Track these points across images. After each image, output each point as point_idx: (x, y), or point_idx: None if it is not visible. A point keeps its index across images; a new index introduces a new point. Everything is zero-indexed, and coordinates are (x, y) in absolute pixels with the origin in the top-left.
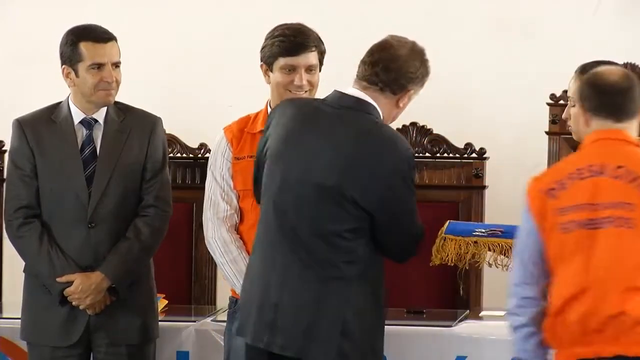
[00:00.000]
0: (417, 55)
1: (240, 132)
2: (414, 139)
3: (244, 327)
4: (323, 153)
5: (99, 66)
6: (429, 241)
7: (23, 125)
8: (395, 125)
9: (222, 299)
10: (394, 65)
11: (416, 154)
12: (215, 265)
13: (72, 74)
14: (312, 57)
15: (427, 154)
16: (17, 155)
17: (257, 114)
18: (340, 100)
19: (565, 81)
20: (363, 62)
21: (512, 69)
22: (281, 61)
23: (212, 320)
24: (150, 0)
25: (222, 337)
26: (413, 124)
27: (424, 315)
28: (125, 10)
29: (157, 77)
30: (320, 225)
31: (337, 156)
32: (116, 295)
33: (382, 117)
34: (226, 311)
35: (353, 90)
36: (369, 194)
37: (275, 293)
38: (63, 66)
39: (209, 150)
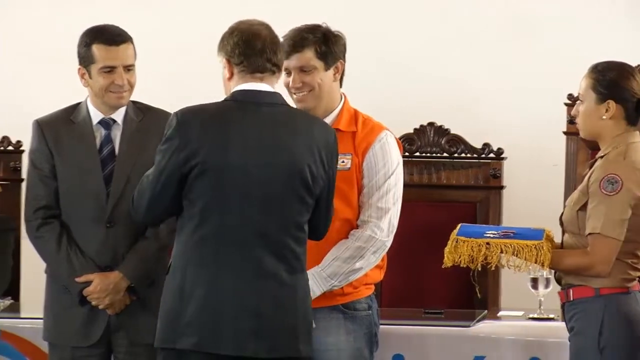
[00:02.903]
0: (271, 29)
1: None
2: (431, 139)
3: (212, 339)
4: (271, 150)
5: (111, 69)
6: (442, 243)
7: (42, 126)
8: (413, 125)
9: None
10: (276, 47)
11: (434, 154)
12: None
13: (87, 75)
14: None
15: (444, 154)
16: (36, 156)
17: None
18: (252, 96)
19: None
20: (246, 55)
21: (529, 68)
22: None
23: None
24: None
25: None
26: (431, 124)
27: (442, 316)
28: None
29: (174, 77)
30: (287, 221)
31: (284, 150)
32: (136, 295)
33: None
34: None
35: (253, 85)
36: (318, 180)
37: (251, 298)
38: (79, 67)
39: None
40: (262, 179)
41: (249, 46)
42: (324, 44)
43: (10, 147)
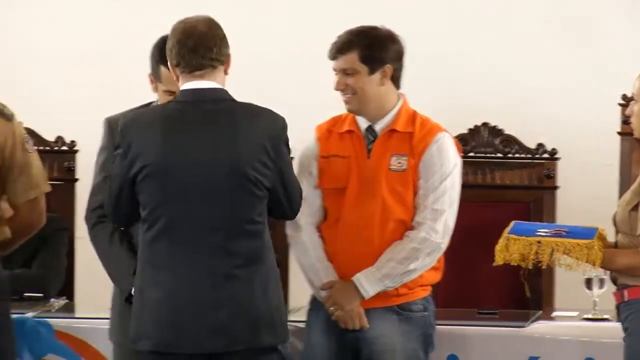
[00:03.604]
0: (212, 23)
1: (328, 131)
2: (485, 139)
3: (170, 340)
4: (211, 148)
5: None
6: (496, 243)
7: (112, 126)
8: (467, 125)
9: (294, 299)
10: (211, 41)
11: (488, 154)
12: (288, 265)
13: (153, 86)
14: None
15: (498, 154)
16: (102, 155)
17: (347, 115)
18: (192, 95)
19: None
20: (181, 55)
21: (583, 69)
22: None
23: None
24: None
25: (292, 337)
26: (485, 124)
27: (497, 316)
28: None
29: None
30: (235, 217)
31: (225, 146)
32: None
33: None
34: (299, 311)
35: (194, 84)
36: (264, 171)
37: (205, 296)
38: (149, 72)
39: None
40: (203, 177)
41: (183, 45)
42: (368, 48)
43: (64, 147)
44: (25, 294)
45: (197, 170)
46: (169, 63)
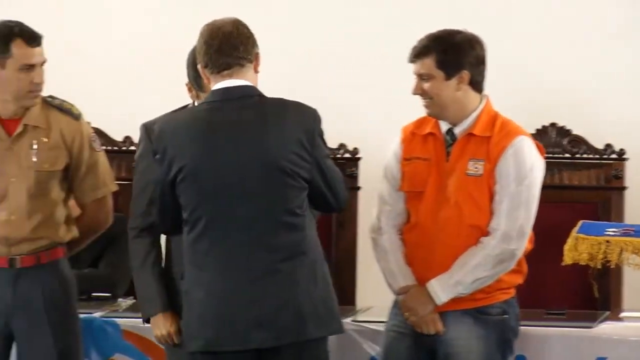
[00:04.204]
0: (238, 24)
1: (412, 133)
2: (553, 139)
3: (218, 339)
4: (243, 145)
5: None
6: (564, 243)
7: (148, 131)
8: (535, 126)
9: (361, 299)
10: (236, 40)
11: (555, 155)
12: (356, 265)
13: (192, 94)
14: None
15: (566, 155)
16: (141, 162)
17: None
18: (222, 95)
19: None
20: (209, 56)
21: None
22: None
23: (352, 321)
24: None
25: (360, 337)
26: (552, 124)
27: (565, 316)
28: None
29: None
30: (274, 211)
31: (257, 142)
32: None
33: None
34: (367, 311)
35: (223, 83)
36: (301, 163)
37: (248, 293)
38: (186, 81)
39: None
40: (238, 174)
41: (209, 46)
42: (445, 53)
43: (132, 147)
44: (93, 294)
45: (231, 168)
46: (198, 65)
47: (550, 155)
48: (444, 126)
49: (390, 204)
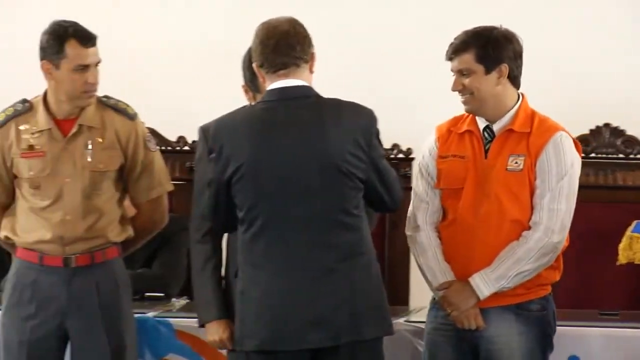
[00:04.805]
0: (295, 23)
1: (448, 131)
2: (607, 139)
3: (274, 338)
4: (301, 145)
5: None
6: (617, 243)
7: (206, 133)
8: (589, 126)
9: (415, 299)
10: (293, 39)
11: (609, 155)
12: (409, 265)
13: (249, 96)
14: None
15: (620, 155)
16: (200, 165)
17: (467, 114)
18: (278, 95)
19: None
20: (265, 55)
21: None
22: None
23: (405, 321)
24: None
25: (414, 338)
26: (606, 125)
27: (618, 317)
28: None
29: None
30: (331, 211)
31: (314, 142)
32: None
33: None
34: (420, 311)
35: (279, 83)
36: (357, 164)
37: (305, 292)
38: (243, 84)
39: None
40: (295, 174)
41: (265, 46)
42: (484, 47)
43: (186, 147)
44: (147, 294)
45: (287, 168)
46: (254, 64)
47: (604, 155)
48: (482, 123)
49: (426, 201)
